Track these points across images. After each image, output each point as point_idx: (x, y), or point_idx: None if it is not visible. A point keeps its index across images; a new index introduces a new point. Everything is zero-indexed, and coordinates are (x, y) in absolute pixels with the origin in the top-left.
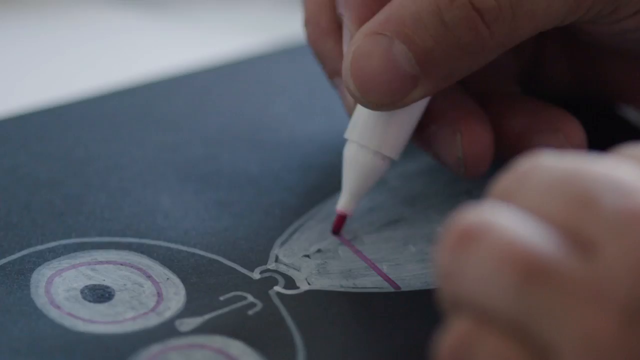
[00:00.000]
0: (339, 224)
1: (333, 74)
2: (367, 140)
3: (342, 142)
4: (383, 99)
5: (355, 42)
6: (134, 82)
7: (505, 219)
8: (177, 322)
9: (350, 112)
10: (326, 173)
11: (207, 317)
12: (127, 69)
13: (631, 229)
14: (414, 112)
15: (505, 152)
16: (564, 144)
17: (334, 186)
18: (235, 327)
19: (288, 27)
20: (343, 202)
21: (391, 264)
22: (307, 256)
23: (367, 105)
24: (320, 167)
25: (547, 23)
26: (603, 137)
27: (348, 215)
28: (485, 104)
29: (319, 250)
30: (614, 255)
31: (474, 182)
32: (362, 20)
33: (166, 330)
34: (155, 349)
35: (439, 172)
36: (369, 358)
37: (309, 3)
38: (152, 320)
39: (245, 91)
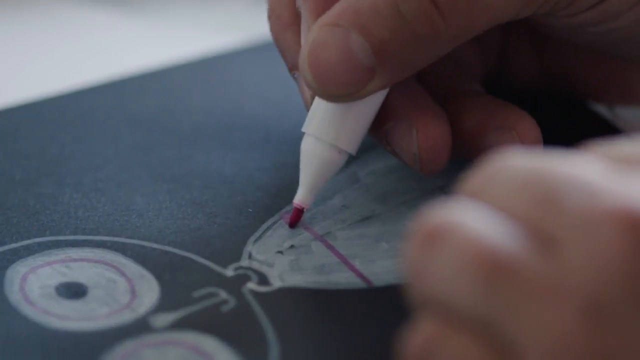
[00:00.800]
0: (295, 218)
1: (293, 67)
2: (323, 134)
3: None
4: (340, 91)
5: (312, 33)
6: (108, 80)
7: (471, 218)
8: (151, 319)
9: (308, 106)
10: (299, 172)
11: (180, 313)
12: (101, 67)
13: (594, 228)
14: (370, 105)
15: (461, 150)
16: (516, 141)
17: None
18: (208, 323)
19: (262, 25)
20: (300, 196)
21: (364, 260)
22: (281, 252)
23: (323, 96)
24: (294, 166)
25: (503, 15)
26: (572, 132)
27: (305, 208)
28: (445, 102)
29: (292, 246)
30: (577, 254)
31: (446, 179)
32: (320, 12)
33: (140, 327)
34: (129, 345)
35: (410, 169)
36: (342, 354)
37: None
38: (126, 317)
39: (219, 89)
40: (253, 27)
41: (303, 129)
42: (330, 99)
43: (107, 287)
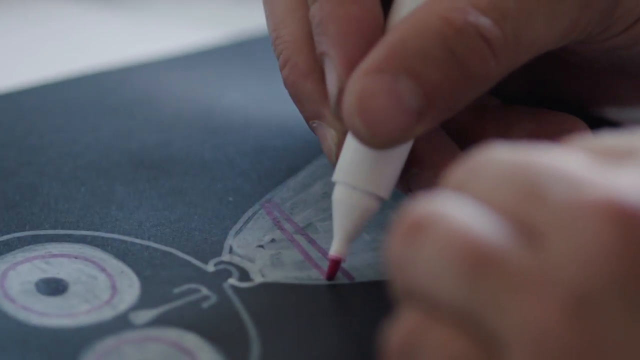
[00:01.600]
0: (333, 271)
1: (312, 116)
2: (358, 182)
3: (296, 124)
4: (391, 137)
5: (357, 82)
6: (89, 71)
7: (455, 210)
8: (132, 315)
9: (330, 156)
10: (280, 156)
11: (161, 309)
12: (83, 62)
13: (578, 220)
14: (403, 149)
15: None
16: None
17: (287, 170)
18: (189, 320)
19: (242, 21)
20: (337, 247)
21: None
22: (261, 246)
23: (374, 144)
24: (274, 150)
25: (546, 47)
26: None
27: (343, 260)
28: (480, 122)
29: (272, 240)
30: (561, 245)
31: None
32: (350, 58)
33: (120, 323)
34: (109, 342)
35: None
36: (323, 350)
37: (284, 44)
38: (107, 313)
39: (199, 81)
40: (235, 23)
41: (334, 179)
42: (381, 146)
43: (87, 283)
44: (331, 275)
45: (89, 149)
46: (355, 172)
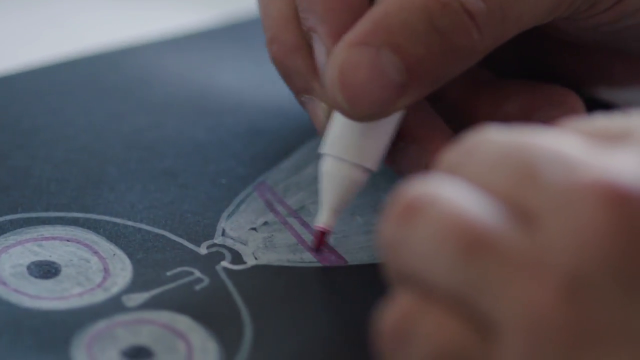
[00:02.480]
0: (320, 241)
1: (301, 91)
2: (346, 154)
3: (290, 106)
4: (372, 110)
5: (340, 54)
6: (83, 53)
7: (449, 192)
8: (124, 298)
9: (320, 129)
10: (273, 139)
11: (153, 292)
12: (75, 44)
13: (572, 201)
14: (390, 121)
15: None
16: (569, 114)
17: (280, 152)
18: (182, 302)
19: (236, 3)
20: (324, 218)
21: (338, 236)
22: (254, 229)
23: (354, 117)
24: (268, 132)
25: (532, 22)
26: None
27: (329, 231)
28: (473, 96)
29: (265, 223)
30: (555, 227)
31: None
32: (337, 33)
33: (113, 306)
34: (101, 324)
35: None
36: (316, 332)
37: (271, 21)
38: (99, 296)
39: (192, 63)
40: (228, 4)
41: (321, 151)
42: (362, 119)
43: (79, 266)
44: (318, 245)
45: (82, 132)
46: (342, 144)
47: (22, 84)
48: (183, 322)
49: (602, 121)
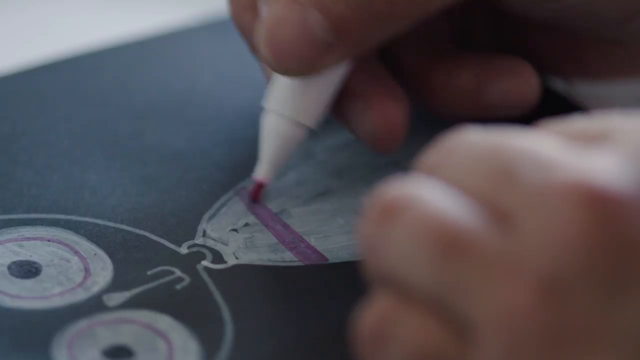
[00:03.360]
0: (257, 192)
1: (254, 47)
2: (284, 109)
3: None
4: (297, 66)
5: (269, 10)
6: (61, 57)
7: (426, 194)
8: (105, 297)
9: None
10: (254, 147)
11: (134, 291)
12: (53, 44)
13: (550, 202)
14: (330, 80)
15: (461, 108)
16: (522, 85)
17: None
18: (163, 301)
19: (215, 1)
20: (261, 171)
21: (319, 236)
22: (235, 230)
23: (280, 71)
24: (248, 141)
25: None
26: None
27: (266, 183)
28: (431, 65)
29: (246, 224)
30: (532, 228)
31: (401, 154)
32: None
33: (93, 305)
34: (82, 324)
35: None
36: (297, 331)
37: None
38: (80, 296)
39: (172, 65)
40: (203, 3)
41: (263, 104)
42: (288, 74)
43: (60, 265)
44: (255, 197)
45: (63, 139)
46: (281, 99)
47: (1, 89)
48: (164, 321)
49: (580, 122)
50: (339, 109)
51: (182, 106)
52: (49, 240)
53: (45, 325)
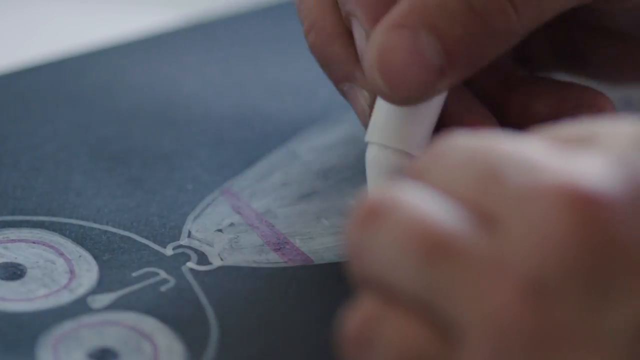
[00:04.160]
0: None
1: (342, 79)
2: (390, 140)
3: (255, 116)
4: (411, 92)
5: (378, 37)
6: (46, 59)
7: (412, 197)
8: (90, 299)
9: (363, 118)
10: (239, 148)
11: (119, 293)
12: (38, 46)
13: (535, 205)
14: (434, 107)
15: None
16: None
17: (247, 160)
18: (148, 303)
19: (199, 2)
20: None
21: (304, 237)
22: (220, 230)
23: (395, 100)
24: (233, 142)
25: (569, 3)
26: None
27: None
28: (505, 93)
29: (231, 224)
30: (518, 230)
31: None
32: (376, 17)
33: (78, 308)
34: (67, 326)
35: (351, 145)
36: (283, 333)
37: (308, 9)
38: (65, 298)
39: (158, 68)
40: (189, 4)
41: (366, 139)
42: (402, 102)
43: (45, 267)
44: None
45: (48, 141)
46: (387, 131)
47: None
48: (149, 323)
49: (568, 127)
50: (436, 137)
51: (167, 107)
52: (34, 242)
53: (30, 328)
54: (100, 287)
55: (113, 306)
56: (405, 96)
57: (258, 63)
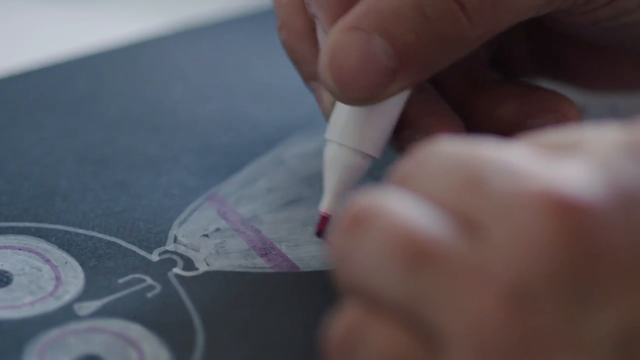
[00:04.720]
0: (323, 225)
1: (309, 77)
2: (346, 140)
3: (241, 122)
4: (362, 94)
5: (332, 37)
6: (33, 66)
7: (395, 204)
8: (76, 306)
9: (327, 115)
10: (225, 153)
11: (106, 300)
12: (25, 53)
13: (518, 211)
14: (392, 109)
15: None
16: (562, 121)
17: (233, 166)
18: (134, 310)
19: (185, 9)
20: (326, 203)
21: (290, 244)
22: (206, 235)
23: (345, 100)
24: (220, 147)
25: (526, 13)
26: None
27: (331, 216)
28: (471, 95)
29: (217, 229)
30: (500, 237)
31: (373, 163)
32: (337, 18)
33: (65, 315)
34: (54, 333)
35: None
36: (268, 339)
37: (282, 8)
38: (51, 305)
39: (144, 74)
40: (176, 11)
41: (326, 136)
42: (352, 103)
43: (31, 274)
44: (320, 230)
45: (34, 148)
46: (344, 130)
47: None
48: (135, 330)
49: (552, 134)
50: (398, 139)
51: (153, 113)
52: (19, 249)
53: (17, 335)
54: (87, 294)
55: (99, 313)
56: (355, 97)
57: (244, 69)
